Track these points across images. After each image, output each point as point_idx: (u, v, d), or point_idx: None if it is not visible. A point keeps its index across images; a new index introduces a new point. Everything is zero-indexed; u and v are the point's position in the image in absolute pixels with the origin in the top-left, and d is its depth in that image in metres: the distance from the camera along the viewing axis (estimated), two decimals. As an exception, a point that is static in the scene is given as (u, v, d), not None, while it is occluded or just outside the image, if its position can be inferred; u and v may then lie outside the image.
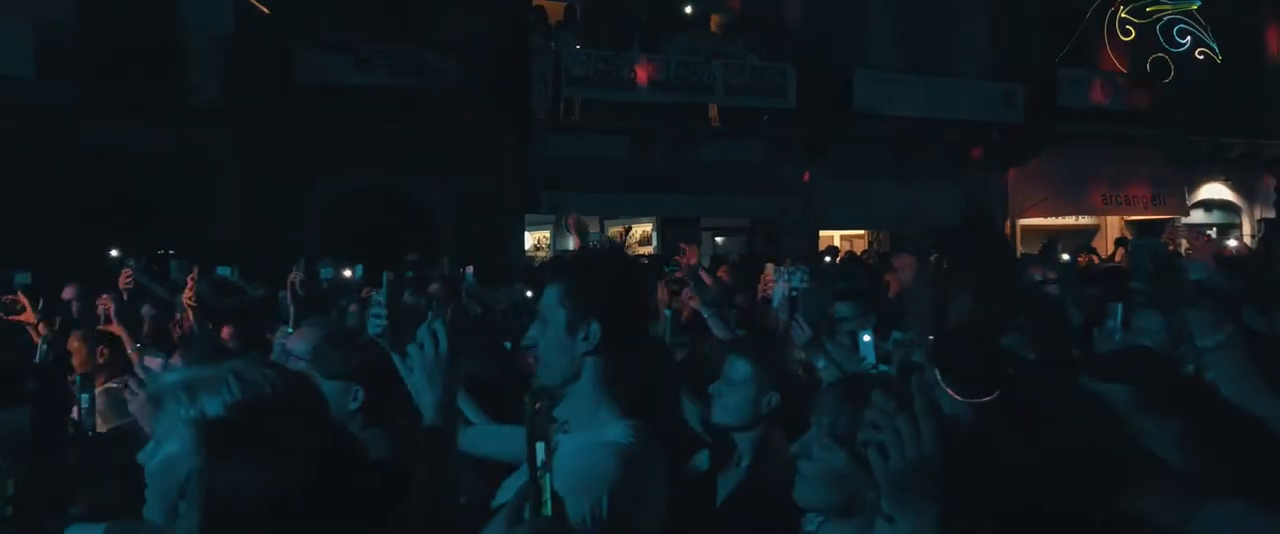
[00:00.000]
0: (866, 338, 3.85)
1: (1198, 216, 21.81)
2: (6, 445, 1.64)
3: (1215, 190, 22.28)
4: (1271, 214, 21.85)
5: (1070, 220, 20.30)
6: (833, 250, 16.26)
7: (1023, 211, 19.82)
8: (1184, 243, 17.44)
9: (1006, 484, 1.73)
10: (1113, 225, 21.20)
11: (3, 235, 12.64)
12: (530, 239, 17.65)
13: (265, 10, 14.03)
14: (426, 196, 15.82)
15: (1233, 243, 14.75)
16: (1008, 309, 1.41)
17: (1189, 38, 21.63)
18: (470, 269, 9.43)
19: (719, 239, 18.56)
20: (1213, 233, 20.31)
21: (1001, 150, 19.85)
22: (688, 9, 17.67)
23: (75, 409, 2.52)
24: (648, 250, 17.03)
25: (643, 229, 18.05)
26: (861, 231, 19.63)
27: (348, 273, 8.96)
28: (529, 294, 6.22)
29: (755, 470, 3.10)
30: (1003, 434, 1.53)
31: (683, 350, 4.09)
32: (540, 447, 1.39)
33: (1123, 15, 21.15)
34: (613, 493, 1.97)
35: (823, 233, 18.50)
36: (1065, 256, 11.77)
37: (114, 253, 7.70)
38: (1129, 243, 14.83)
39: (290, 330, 3.39)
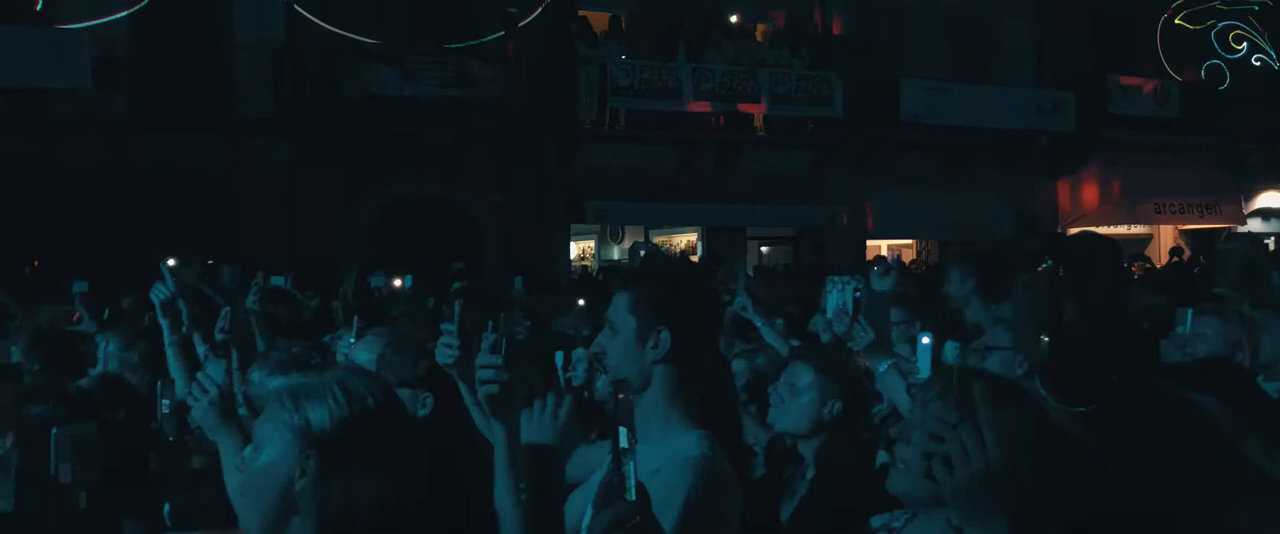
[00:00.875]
0: (925, 340, 3.70)
1: (1255, 225, 21.37)
2: (81, 457, 1.63)
3: (1273, 199, 21.83)
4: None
5: (1122, 229, 19.96)
6: (881, 260, 16.11)
7: (1074, 220, 19.54)
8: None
9: (1100, 493, 1.68)
10: (1166, 234, 20.84)
11: (59, 245, 12.89)
12: (575, 248, 17.67)
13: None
14: (472, 206, 15.89)
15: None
16: (1115, 317, 1.36)
17: (1245, 44, 21.25)
18: (519, 279, 9.46)
19: (764, 248, 18.48)
20: (1271, 243, 19.90)
21: (1051, 159, 19.61)
22: (733, 18, 17.62)
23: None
24: (692, 260, 16.98)
25: (688, 238, 18.01)
26: (909, 241, 19.44)
27: (398, 283, 9.00)
28: (581, 302, 6.20)
29: (820, 479, 3.05)
30: (1101, 443, 1.48)
31: (745, 360, 4.03)
32: (623, 432, 1.37)
33: (1177, 21, 20.82)
34: (694, 509, 1.95)
35: (870, 242, 18.35)
36: (1120, 266, 11.55)
37: (171, 262, 7.78)
38: (1216, 247, 14.50)
39: (353, 340, 3.38)
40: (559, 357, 4.35)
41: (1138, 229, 20.72)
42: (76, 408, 1.64)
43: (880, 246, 18.85)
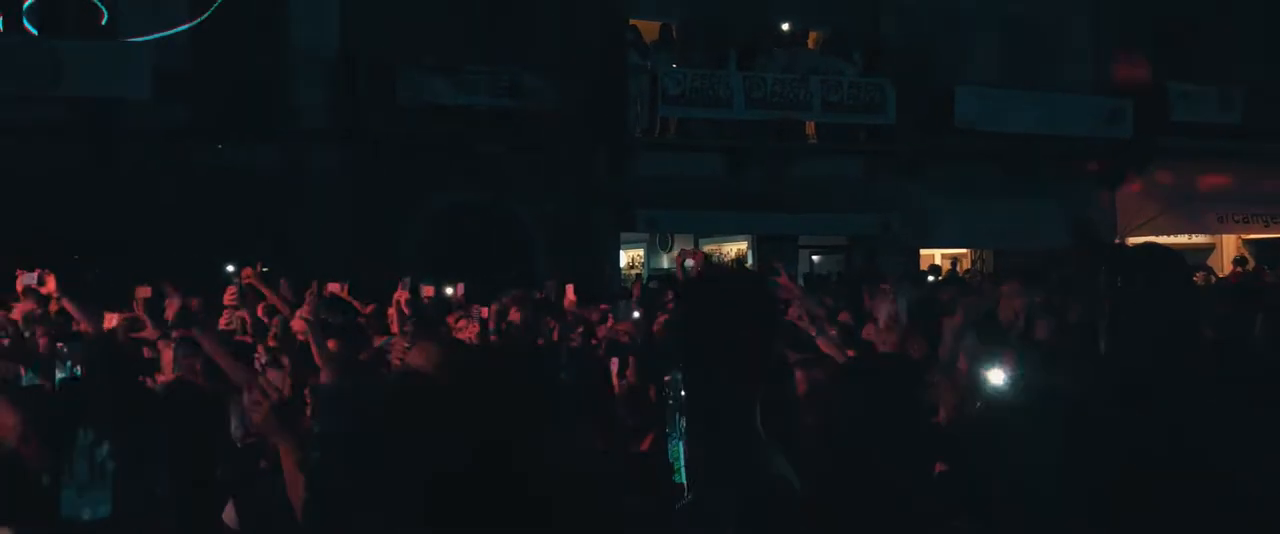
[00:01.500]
0: (998, 381, 3.55)
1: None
2: (150, 459, 1.67)
3: (1341, 208, 21.26)
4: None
5: (1183, 239, 19.59)
6: (935, 269, 15.96)
7: (1133, 230, 19.20)
8: None
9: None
10: (1228, 244, 20.40)
11: (121, 253, 13.15)
12: (625, 257, 17.69)
13: None
14: (524, 215, 15.99)
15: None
16: (1179, 327, 1.34)
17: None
18: (571, 287, 9.49)
19: (816, 257, 18.36)
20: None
21: (1110, 166, 19.31)
22: (785, 25, 17.57)
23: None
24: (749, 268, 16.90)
25: (738, 247, 17.96)
26: (964, 250, 19.22)
27: (450, 291, 9.07)
28: (636, 315, 6.18)
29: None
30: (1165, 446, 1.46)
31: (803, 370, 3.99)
32: (676, 418, 1.36)
33: (1234, 27, 20.37)
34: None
35: (924, 251, 18.17)
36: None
37: (230, 268, 7.94)
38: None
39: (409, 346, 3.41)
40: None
41: (1199, 238, 20.30)
42: (146, 412, 1.67)
43: (934, 256, 18.67)
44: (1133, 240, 19.18)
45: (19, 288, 5.15)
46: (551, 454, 1.55)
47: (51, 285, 6.08)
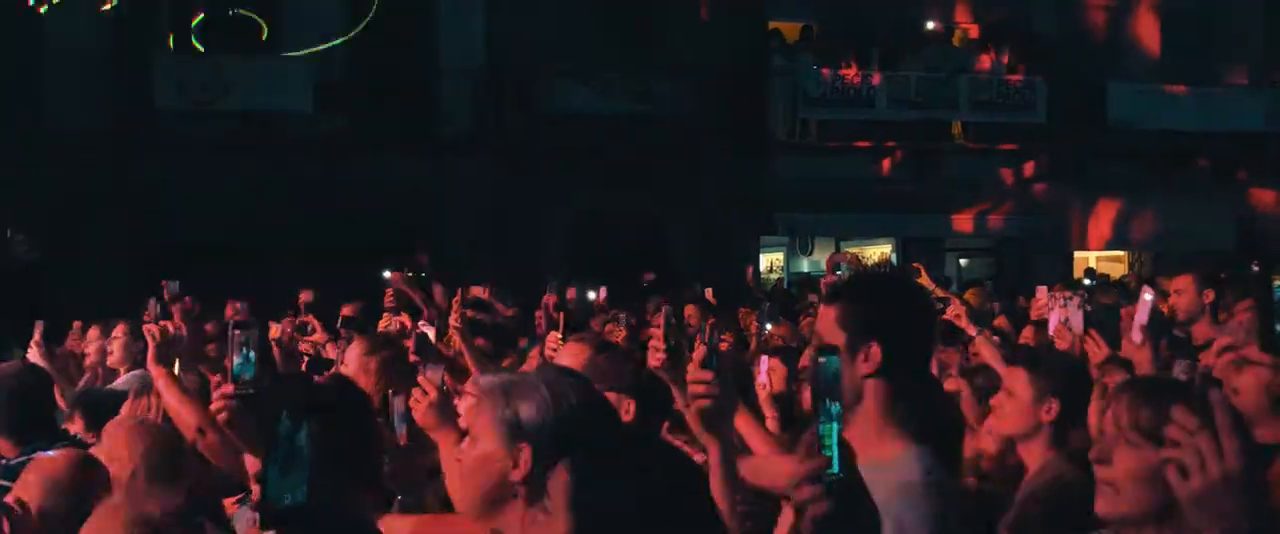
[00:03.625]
0: (1148, 297, 3.49)
1: None
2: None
3: None
4: None
5: (1365, 241, 18.32)
6: (1090, 272, 15.32)
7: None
8: None
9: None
10: None
11: (283, 259, 13.79)
12: (764, 261, 17.61)
13: None
14: (664, 219, 16.09)
15: None
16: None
17: None
18: (709, 292, 9.50)
19: (963, 261, 17.90)
20: None
21: (1277, 165, 18.24)
22: (930, 23, 17.19)
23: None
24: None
25: (881, 251, 17.65)
26: (1120, 253, 18.44)
27: (592, 295, 9.19)
28: (769, 327, 6.13)
29: (1035, 484, 2.94)
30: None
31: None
32: (826, 401, 1.35)
33: None
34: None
35: (1078, 255, 17.52)
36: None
37: (386, 274, 8.27)
38: None
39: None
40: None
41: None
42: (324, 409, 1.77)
43: (1088, 259, 17.95)
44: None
45: (165, 296, 5.43)
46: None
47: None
